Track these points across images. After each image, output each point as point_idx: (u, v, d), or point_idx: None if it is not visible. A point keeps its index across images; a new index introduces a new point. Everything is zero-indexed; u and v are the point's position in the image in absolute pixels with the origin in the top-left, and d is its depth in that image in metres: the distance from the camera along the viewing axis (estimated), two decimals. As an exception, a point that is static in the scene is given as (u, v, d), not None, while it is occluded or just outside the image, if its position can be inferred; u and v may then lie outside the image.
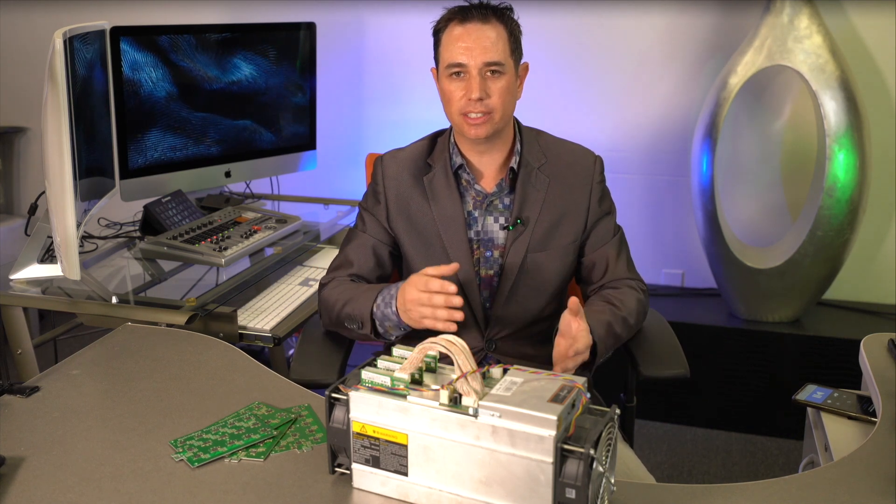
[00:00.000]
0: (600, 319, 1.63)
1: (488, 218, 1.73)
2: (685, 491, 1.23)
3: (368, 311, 1.64)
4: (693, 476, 2.77)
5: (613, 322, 1.65)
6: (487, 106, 1.63)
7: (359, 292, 1.68)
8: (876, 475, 1.24)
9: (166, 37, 2.49)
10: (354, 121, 3.47)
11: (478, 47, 1.62)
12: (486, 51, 1.62)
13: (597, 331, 1.59)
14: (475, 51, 1.62)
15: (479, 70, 1.62)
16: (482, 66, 1.62)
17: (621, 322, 1.67)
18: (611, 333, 1.64)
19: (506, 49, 1.64)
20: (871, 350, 1.63)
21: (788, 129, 3.12)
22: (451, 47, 1.64)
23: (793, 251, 2.87)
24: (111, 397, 1.48)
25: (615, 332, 1.65)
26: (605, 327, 1.62)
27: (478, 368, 1.13)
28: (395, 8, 3.31)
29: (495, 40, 1.63)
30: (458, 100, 1.64)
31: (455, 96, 1.65)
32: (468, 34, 1.63)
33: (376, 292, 1.65)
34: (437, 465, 1.13)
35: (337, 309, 1.70)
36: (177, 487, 1.21)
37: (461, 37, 1.63)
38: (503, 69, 1.64)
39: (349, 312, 1.67)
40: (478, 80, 1.62)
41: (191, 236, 2.38)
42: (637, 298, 1.73)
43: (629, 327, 1.70)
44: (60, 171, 1.83)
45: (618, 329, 1.66)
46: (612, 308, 1.68)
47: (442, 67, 1.67)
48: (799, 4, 2.76)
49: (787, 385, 2.12)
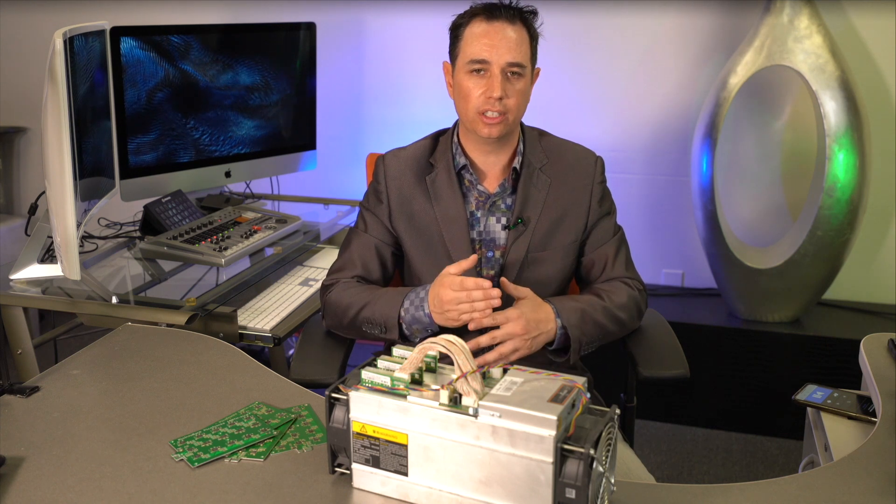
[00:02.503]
0: (571, 307, 1.66)
1: (490, 218, 1.74)
2: (685, 491, 1.23)
3: (395, 316, 1.65)
4: (693, 476, 2.77)
5: (591, 311, 1.67)
6: (505, 106, 1.63)
7: (376, 296, 1.69)
8: (876, 475, 1.24)
9: (166, 37, 2.49)
10: (354, 121, 3.47)
11: (503, 46, 1.62)
12: (510, 51, 1.62)
13: (568, 318, 1.63)
14: (500, 49, 1.62)
15: (501, 69, 1.62)
16: (505, 66, 1.62)
17: (603, 312, 1.68)
18: (588, 321, 1.66)
19: (527, 52, 1.65)
20: (871, 350, 1.63)
21: (788, 129, 3.12)
22: (475, 43, 1.63)
23: (793, 251, 2.87)
24: (111, 397, 1.48)
25: (595, 320, 1.67)
26: (578, 314, 1.65)
27: (478, 368, 1.13)
28: (395, 8, 3.31)
29: (519, 42, 1.63)
30: (477, 97, 1.64)
31: (473, 93, 1.64)
32: (495, 32, 1.63)
33: (401, 296, 1.66)
34: (437, 465, 1.13)
35: (352, 313, 1.70)
36: (177, 487, 1.21)
37: (487, 33, 1.63)
38: (523, 72, 1.64)
39: (368, 317, 1.68)
40: (499, 78, 1.62)
41: (191, 236, 2.38)
42: (629, 294, 1.74)
43: (617, 320, 1.71)
44: (60, 171, 1.83)
45: (599, 318, 1.67)
46: (594, 299, 1.71)
47: (461, 62, 1.66)
48: (799, 4, 2.76)
49: (787, 385, 2.12)
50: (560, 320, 1.64)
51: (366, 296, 1.70)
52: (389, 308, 1.66)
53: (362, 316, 1.69)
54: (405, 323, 1.65)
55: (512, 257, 1.71)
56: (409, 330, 1.66)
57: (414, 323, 1.64)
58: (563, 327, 1.64)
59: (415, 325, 1.65)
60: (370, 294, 1.71)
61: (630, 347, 1.78)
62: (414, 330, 1.66)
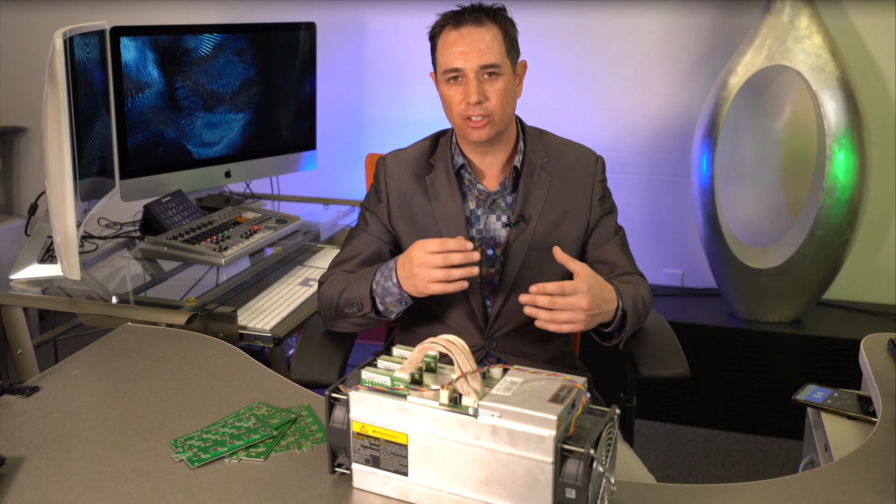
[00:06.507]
0: (628, 291, 1.64)
1: (491, 216, 1.74)
2: (685, 491, 1.23)
3: (367, 290, 1.63)
4: (693, 476, 2.77)
5: (637, 298, 1.67)
6: (486, 109, 1.64)
7: (356, 277, 1.69)
8: (876, 475, 1.24)
9: (166, 37, 2.49)
10: (354, 121, 3.47)
11: (473, 51, 1.62)
12: (481, 54, 1.62)
13: (626, 301, 1.62)
14: (470, 55, 1.62)
15: (475, 73, 1.62)
16: (478, 70, 1.62)
17: (642, 301, 1.69)
18: (637, 308, 1.65)
19: (501, 50, 1.64)
20: (871, 350, 1.63)
21: (788, 129, 3.12)
22: (447, 52, 1.64)
23: (793, 251, 2.87)
24: (111, 397, 1.48)
25: (638, 309, 1.66)
26: (632, 300, 1.64)
27: (478, 368, 1.13)
28: (395, 8, 3.31)
29: (490, 42, 1.63)
30: (458, 104, 1.65)
31: (454, 101, 1.65)
32: (463, 38, 1.63)
33: (374, 271, 1.65)
34: (437, 465, 1.13)
35: (335, 299, 1.69)
36: (177, 487, 1.21)
37: (456, 41, 1.63)
38: (500, 70, 1.64)
39: (348, 298, 1.67)
40: (475, 83, 1.62)
41: (191, 236, 2.38)
42: (647, 287, 1.76)
43: (646, 311, 1.72)
44: (60, 171, 1.83)
45: (640, 306, 1.67)
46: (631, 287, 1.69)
47: (440, 73, 1.68)
48: (799, 4, 2.76)
49: (787, 385, 2.12)
50: (622, 302, 1.61)
51: (347, 280, 1.70)
52: (363, 284, 1.64)
53: (342, 299, 1.68)
54: (377, 296, 1.63)
55: (513, 255, 1.71)
56: (382, 304, 1.63)
57: (386, 295, 1.62)
58: (624, 310, 1.62)
59: (387, 298, 1.62)
60: (350, 277, 1.70)
61: (630, 347, 1.77)
62: (388, 303, 1.63)
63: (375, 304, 1.64)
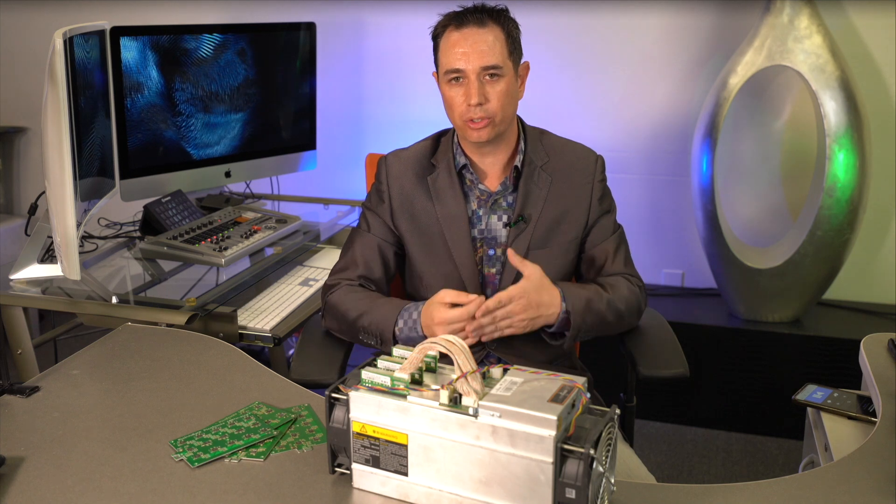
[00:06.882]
0: (579, 294, 1.66)
1: (492, 216, 1.74)
2: (685, 491, 1.23)
3: (390, 330, 1.66)
4: (693, 476, 2.77)
5: (596, 300, 1.67)
6: (487, 111, 1.64)
7: (375, 305, 1.70)
8: (876, 475, 1.24)
9: (166, 37, 2.49)
10: (354, 121, 3.47)
11: (474, 52, 1.62)
12: (482, 55, 1.62)
13: (574, 304, 1.63)
14: (472, 56, 1.62)
15: (477, 75, 1.62)
16: (480, 71, 1.62)
17: (607, 303, 1.69)
18: (590, 310, 1.66)
19: (503, 51, 1.64)
20: (871, 350, 1.63)
21: (788, 129, 3.12)
22: (449, 53, 1.64)
23: (793, 251, 2.87)
24: (111, 397, 1.48)
25: (598, 311, 1.67)
26: (584, 302, 1.65)
27: (478, 368, 1.13)
28: (395, 8, 3.31)
29: (492, 43, 1.63)
30: (459, 105, 1.65)
31: (456, 102, 1.66)
32: (465, 39, 1.63)
33: (395, 311, 1.67)
34: (437, 465, 1.13)
35: (351, 318, 1.71)
36: (177, 487, 1.21)
37: (458, 42, 1.63)
38: (501, 72, 1.64)
39: (365, 326, 1.69)
40: (476, 84, 1.62)
41: (191, 236, 2.38)
42: (630, 289, 1.75)
43: (617, 313, 1.71)
44: (60, 171, 1.83)
45: (602, 308, 1.67)
46: (599, 289, 1.70)
47: (441, 73, 1.68)
48: (799, 4, 2.76)
49: (787, 385, 2.12)
50: (566, 304, 1.63)
51: (365, 304, 1.71)
52: (384, 322, 1.67)
53: (360, 324, 1.70)
54: (400, 340, 1.67)
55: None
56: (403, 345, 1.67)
57: (408, 342, 1.65)
58: (567, 312, 1.64)
59: (409, 343, 1.65)
60: (368, 301, 1.71)
61: (630, 347, 1.78)
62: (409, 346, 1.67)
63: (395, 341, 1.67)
